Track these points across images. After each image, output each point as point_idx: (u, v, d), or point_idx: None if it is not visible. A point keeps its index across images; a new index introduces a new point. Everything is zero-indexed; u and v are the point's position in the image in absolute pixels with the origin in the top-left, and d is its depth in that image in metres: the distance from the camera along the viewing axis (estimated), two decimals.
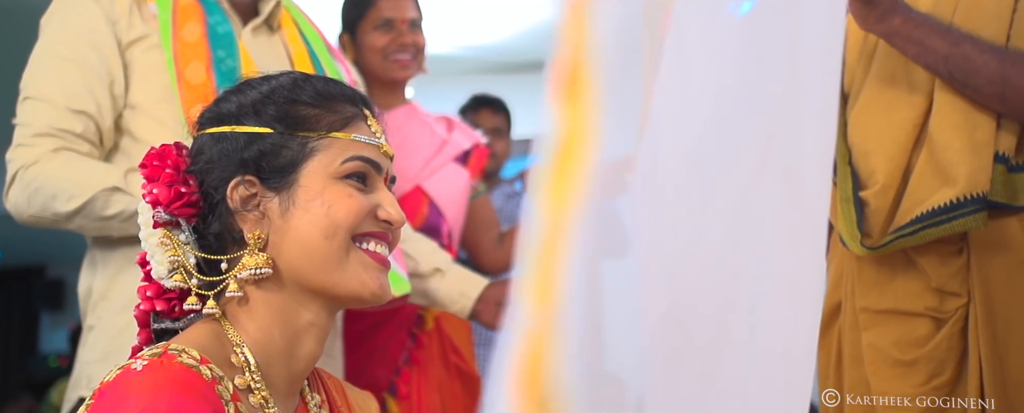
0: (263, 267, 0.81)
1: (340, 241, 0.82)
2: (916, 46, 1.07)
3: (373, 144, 0.86)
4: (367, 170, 0.84)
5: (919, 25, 1.06)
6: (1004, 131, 1.09)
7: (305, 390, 0.89)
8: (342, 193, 0.82)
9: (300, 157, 0.83)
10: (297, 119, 0.84)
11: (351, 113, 0.87)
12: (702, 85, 0.69)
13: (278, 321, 0.82)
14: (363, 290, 0.83)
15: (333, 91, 0.87)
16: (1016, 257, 1.07)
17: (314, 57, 1.35)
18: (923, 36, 1.06)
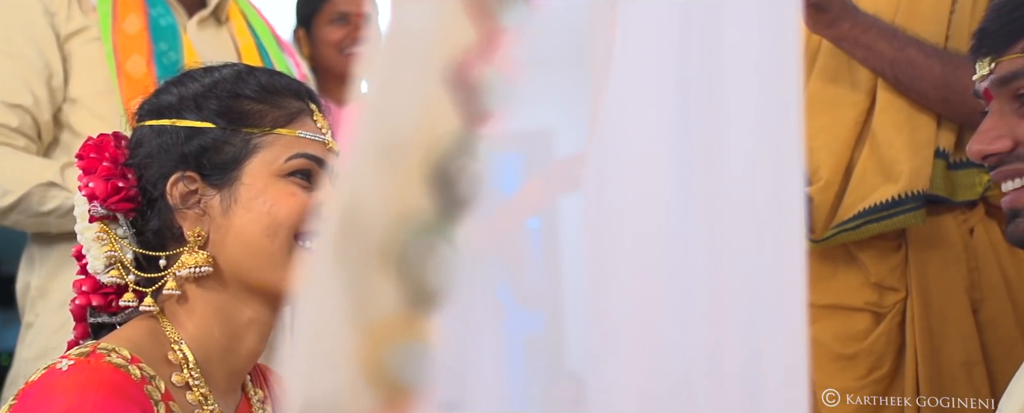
0: (203, 265, 0.80)
1: (282, 240, 0.81)
2: (864, 50, 1.09)
3: (319, 141, 0.85)
4: (312, 167, 0.83)
5: (866, 30, 1.08)
6: (944, 129, 1.12)
7: (248, 386, 0.88)
8: (285, 191, 0.81)
9: (243, 154, 0.81)
10: (240, 114, 0.83)
11: (297, 108, 0.85)
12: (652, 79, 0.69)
13: (218, 318, 0.81)
14: None
15: (278, 85, 0.86)
16: (952, 253, 1.10)
17: (262, 50, 1.34)
18: (870, 41, 1.08)
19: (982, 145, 0.77)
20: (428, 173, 0.33)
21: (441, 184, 0.33)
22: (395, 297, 0.33)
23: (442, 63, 0.34)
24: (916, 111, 1.11)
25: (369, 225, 0.33)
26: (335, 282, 0.35)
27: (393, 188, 0.33)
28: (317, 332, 0.35)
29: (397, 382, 0.33)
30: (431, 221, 0.33)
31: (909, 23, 1.12)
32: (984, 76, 0.79)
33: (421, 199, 0.33)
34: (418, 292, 0.33)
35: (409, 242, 0.33)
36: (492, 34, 0.34)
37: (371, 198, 0.34)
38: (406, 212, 0.33)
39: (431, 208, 0.33)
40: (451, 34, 0.34)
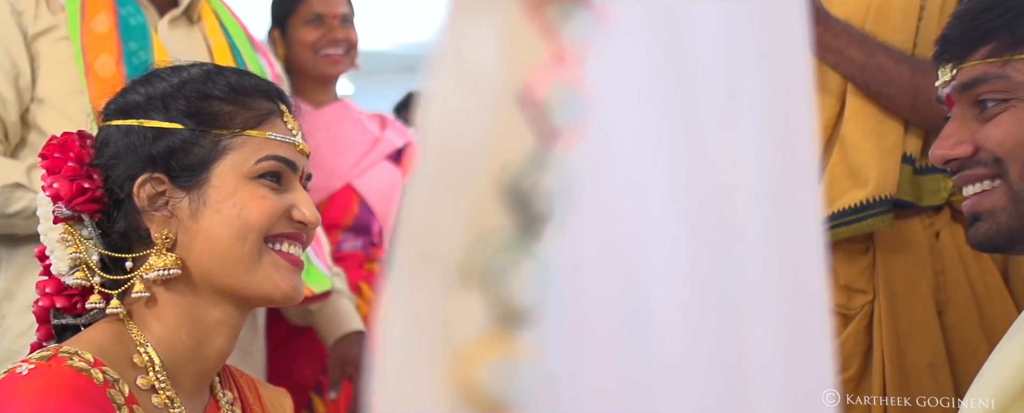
0: (171, 268, 0.79)
1: (252, 243, 0.80)
2: (835, 55, 1.10)
3: (289, 142, 0.85)
4: (282, 169, 0.83)
5: (838, 35, 1.10)
6: (911, 134, 1.13)
7: (216, 388, 0.88)
8: (255, 194, 0.81)
9: (212, 155, 0.81)
10: (210, 115, 0.82)
11: (267, 109, 0.85)
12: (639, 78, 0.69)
13: (186, 321, 0.81)
14: (275, 292, 0.82)
15: (247, 85, 0.86)
16: (918, 256, 1.11)
17: (235, 50, 1.33)
18: (841, 46, 1.09)
19: (944, 150, 0.79)
20: (504, 191, 0.33)
21: (518, 201, 0.33)
22: (482, 316, 0.33)
23: (512, 82, 0.34)
24: (884, 116, 1.12)
25: (448, 247, 0.34)
26: (419, 306, 0.35)
27: (469, 208, 0.34)
28: (406, 357, 0.35)
29: (495, 402, 0.33)
30: (511, 238, 0.33)
31: (878, 29, 1.13)
32: (946, 82, 0.80)
33: (499, 217, 0.33)
34: (505, 309, 0.33)
35: (491, 260, 0.33)
36: (559, 50, 0.35)
37: (447, 220, 0.35)
38: (485, 231, 0.33)
39: (510, 225, 0.33)
40: (519, 52, 0.35)
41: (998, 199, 0.76)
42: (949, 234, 1.12)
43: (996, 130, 0.75)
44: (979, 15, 0.77)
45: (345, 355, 1.50)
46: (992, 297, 1.10)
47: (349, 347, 1.51)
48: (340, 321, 1.52)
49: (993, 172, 0.76)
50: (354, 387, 1.54)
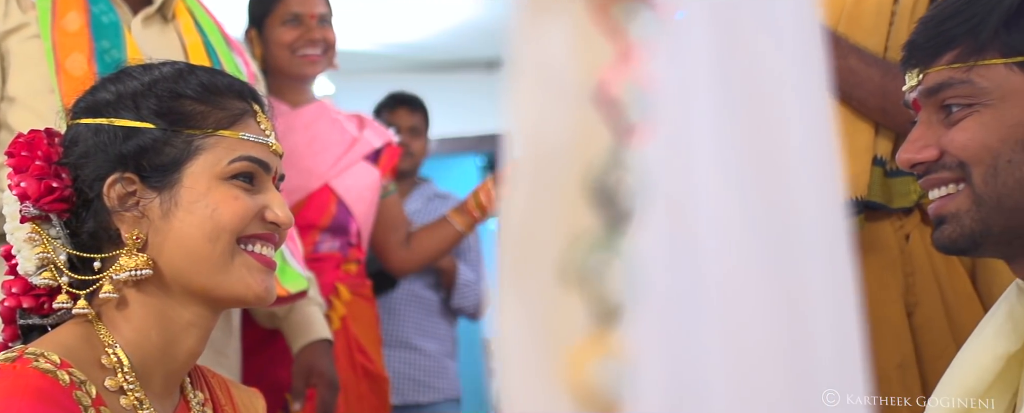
0: (142, 268, 0.79)
1: (224, 244, 0.80)
2: None
3: (262, 143, 0.84)
4: (255, 170, 0.82)
5: None
6: (881, 137, 1.14)
7: (187, 388, 0.87)
8: (228, 195, 0.80)
9: (184, 156, 0.80)
10: (182, 115, 0.82)
11: (240, 109, 0.85)
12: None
13: (156, 322, 0.80)
14: (247, 293, 0.81)
15: (220, 85, 0.85)
16: (888, 258, 1.12)
17: (210, 49, 1.32)
18: None
19: (910, 154, 0.79)
20: (590, 190, 0.34)
21: (604, 199, 0.34)
22: (583, 316, 0.34)
23: (586, 81, 0.35)
24: (855, 119, 1.13)
25: (546, 249, 0.35)
26: (526, 310, 0.36)
27: (561, 209, 0.35)
28: (522, 362, 0.36)
29: (608, 402, 0.33)
30: (601, 237, 0.34)
31: (851, 32, 1.14)
32: (913, 87, 0.81)
33: (588, 216, 0.34)
34: (603, 308, 0.34)
35: (585, 260, 0.34)
36: (626, 48, 0.35)
37: (542, 222, 0.35)
38: (577, 231, 0.34)
39: (599, 224, 0.34)
40: (589, 52, 0.35)
41: (962, 202, 0.77)
42: (919, 236, 1.13)
43: (960, 135, 0.76)
44: (944, 21, 0.78)
45: (310, 364, 1.48)
46: (960, 299, 1.11)
47: (314, 356, 1.49)
48: (307, 328, 1.50)
49: (957, 176, 0.77)
50: (319, 397, 1.51)
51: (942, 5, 0.81)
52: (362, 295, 1.74)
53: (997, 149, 0.75)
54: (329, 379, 1.48)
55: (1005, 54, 0.75)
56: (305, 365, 1.49)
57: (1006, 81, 0.75)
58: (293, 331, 1.51)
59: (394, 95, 2.57)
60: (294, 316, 1.51)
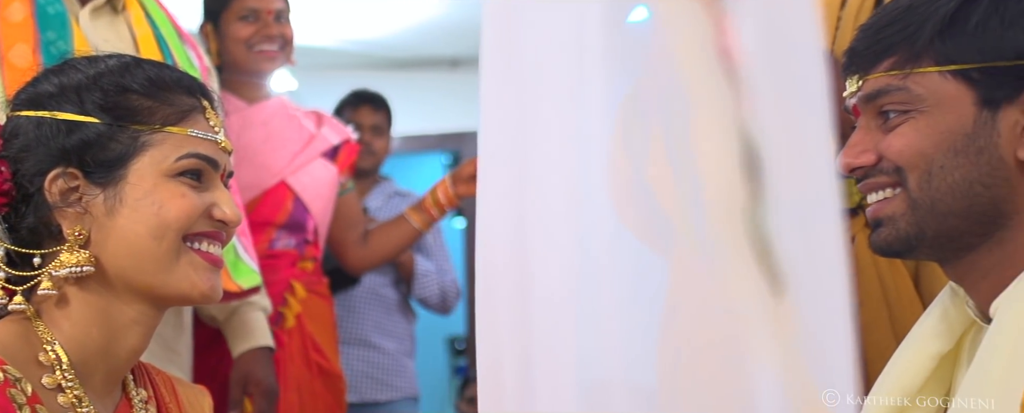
0: (84, 265, 0.77)
1: (170, 242, 0.79)
2: None
3: (211, 140, 0.83)
4: (203, 167, 0.81)
5: None
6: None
7: (130, 386, 0.86)
8: (175, 192, 0.79)
9: (130, 151, 0.79)
10: (128, 110, 0.80)
11: (188, 105, 0.83)
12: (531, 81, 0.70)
13: (97, 319, 0.79)
14: (193, 291, 0.80)
15: (168, 79, 0.84)
16: None
17: (161, 41, 1.30)
18: None
19: (849, 158, 0.81)
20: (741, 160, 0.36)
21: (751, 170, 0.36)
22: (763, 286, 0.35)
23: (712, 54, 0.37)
24: None
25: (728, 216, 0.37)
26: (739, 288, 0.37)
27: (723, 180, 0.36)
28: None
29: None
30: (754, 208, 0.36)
31: None
32: (853, 93, 0.83)
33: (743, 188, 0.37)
34: (773, 278, 0.36)
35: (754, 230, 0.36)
36: (719, 20, 0.37)
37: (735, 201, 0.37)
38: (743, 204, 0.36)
39: (750, 195, 0.36)
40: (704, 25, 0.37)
41: (898, 206, 0.79)
42: (863, 238, 1.15)
43: (897, 140, 0.78)
44: (882, 29, 0.80)
45: (247, 372, 1.47)
46: (903, 300, 1.14)
47: (252, 364, 1.47)
48: (247, 334, 1.48)
49: (894, 180, 0.79)
50: (255, 407, 1.49)
51: (881, 13, 0.83)
52: (318, 293, 1.73)
53: (931, 155, 0.77)
54: (266, 388, 1.47)
55: (939, 62, 0.77)
56: (242, 373, 1.47)
57: (940, 88, 0.77)
58: (233, 336, 1.49)
59: (357, 93, 2.56)
60: (235, 321, 1.49)
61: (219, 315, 1.50)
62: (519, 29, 0.67)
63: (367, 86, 2.61)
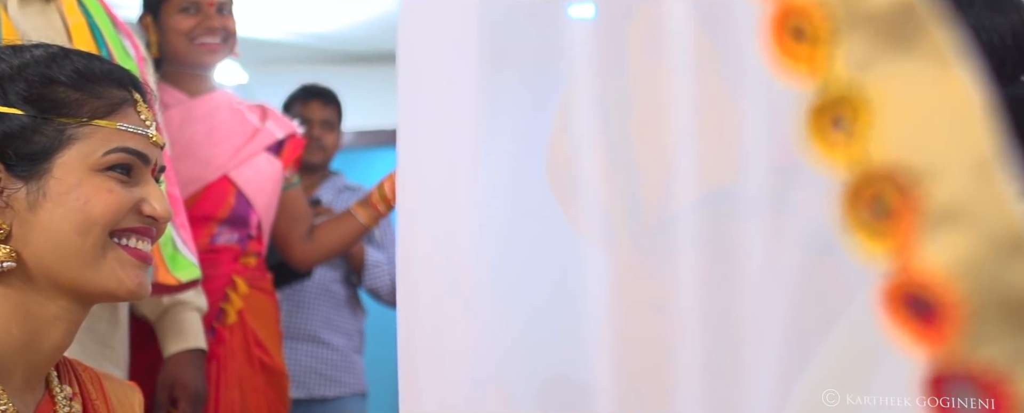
0: (5, 261, 0.76)
1: (95, 238, 0.77)
2: None
3: (141, 134, 0.82)
4: (132, 162, 0.80)
5: None
6: None
7: (53, 382, 0.85)
8: (101, 187, 0.78)
9: (55, 145, 0.77)
10: (54, 102, 0.79)
11: (118, 98, 0.82)
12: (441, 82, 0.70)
13: (17, 315, 0.78)
14: (119, 288, 0.79)
15: (98, 71, 0.82)
16: None
17: (95, 31, 1.28)
18: None
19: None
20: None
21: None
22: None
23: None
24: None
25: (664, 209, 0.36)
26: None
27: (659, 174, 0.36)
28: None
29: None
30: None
31: None
32: None
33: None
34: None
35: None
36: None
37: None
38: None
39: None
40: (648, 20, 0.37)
41: None
42: None
43: None
44: None
45: (175, 375, 1.45)
46: None
47: (180, 367, 1.45)
48: (179, 335, 1.46)
49: None
50: (181, 411, 1.47)
51: None
52: (261, 288, 1.72)
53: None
54: (193, 392, 1.45)
55: None
56: (170, 376, 1.45)
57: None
58: (164, 336, 1.46)
59: (307, 87, 2.53)
60: (167, 320, 1.47)
61: (151, 314, 1.47)
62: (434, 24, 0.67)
63: (319, 80, 2.59)
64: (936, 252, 0.28)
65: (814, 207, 0.40)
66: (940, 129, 0.30)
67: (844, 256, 0.29)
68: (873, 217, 0.29)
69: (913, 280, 0.28)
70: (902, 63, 0.30)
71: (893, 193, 0.29)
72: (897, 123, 0.30)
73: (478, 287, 0.71)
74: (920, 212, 0.29)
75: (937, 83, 0.30)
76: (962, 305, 0.27)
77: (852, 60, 0.31)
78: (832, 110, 0.30)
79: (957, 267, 0.28)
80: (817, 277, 0.76)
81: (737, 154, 1.12)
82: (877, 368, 0.85)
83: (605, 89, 0.71)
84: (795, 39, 0.31)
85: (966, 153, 0.29)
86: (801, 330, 1.19)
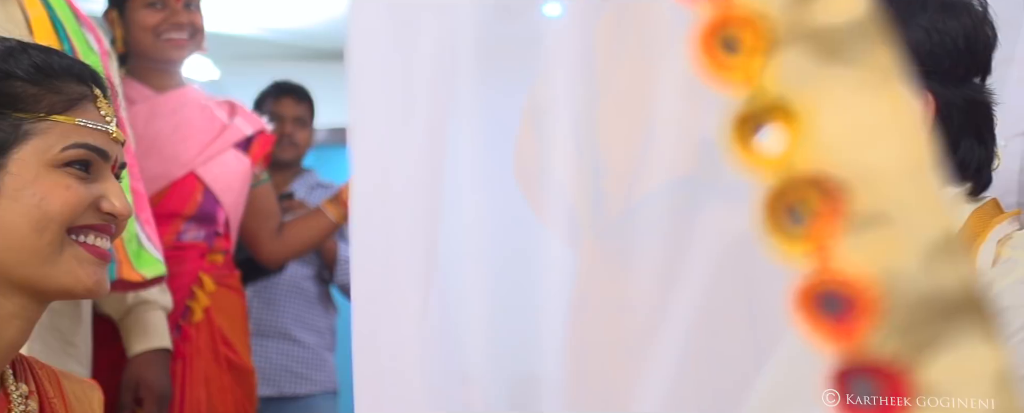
0: None
1: (52, 235, 0.76)
2: None
3: (101, 130, 0.81)
4: (91, 158, 0.79)
5: None
6: None
7: (8, 380, 0.83)
8: (59, 184, 0.77)
9: (11, 140, 0.76)
10: (10, 96, 0.78)
11: (78, 93, 0.81)
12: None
13: None
14: (76, 286, 0.78)
15: (56, 66, 0.81)
16: None
17: (57, 24, 1.26)
18: None
19: None
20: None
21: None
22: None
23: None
24: None
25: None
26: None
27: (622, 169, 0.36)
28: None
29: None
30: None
31: None
32: None
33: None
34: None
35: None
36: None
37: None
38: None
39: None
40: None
41: None
42: None
43: None
44: None
45: (140, 375, 1.44)
46: None
47: (144, 367, 1.44)
48: (143, 334, 1.45)
49: None
50: (146, 412, 1.46)
51: None
52: (228, 286, 1.71)
53: None
54: (158, 393, 1.44)
55: None
56: (134, 376, 1.43)
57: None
58: (129, 335, 1.45)
59: (279, 84, 2.52)
60: (131, 319, 1.45)
61: (115, 313, 1.46)
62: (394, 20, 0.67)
63: (291, 77, 2.57)
64: (861, 253, 0.29)
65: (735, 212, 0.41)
66: (877, 140, 0.30)
67: (762, 257, 0.30)
68: (792, 221, 0.30)
69: (831, 279, 0.29)
70: (844, 77, 0.31)
71: (817, 198, 0.30)
72: (832, 133, 0.31)
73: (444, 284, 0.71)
74: (845, 216, 0.29)
75: (877, 98, 0.31)
76: (879, 302, 0.28)
77: (789, 72, 0.31)
78: (759, 119, 0.31)
79: (881, 267, 0.29)
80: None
81: (696, 142, 1.13)
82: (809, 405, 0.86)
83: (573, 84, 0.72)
84: (726, 51, 0.31)
85: (901, 162, 0.30)
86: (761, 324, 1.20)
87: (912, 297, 0.28)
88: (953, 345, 0.28)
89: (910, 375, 0.27)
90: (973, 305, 0.28)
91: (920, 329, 0.28)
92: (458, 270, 0.71)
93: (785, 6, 0.31)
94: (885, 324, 0.28)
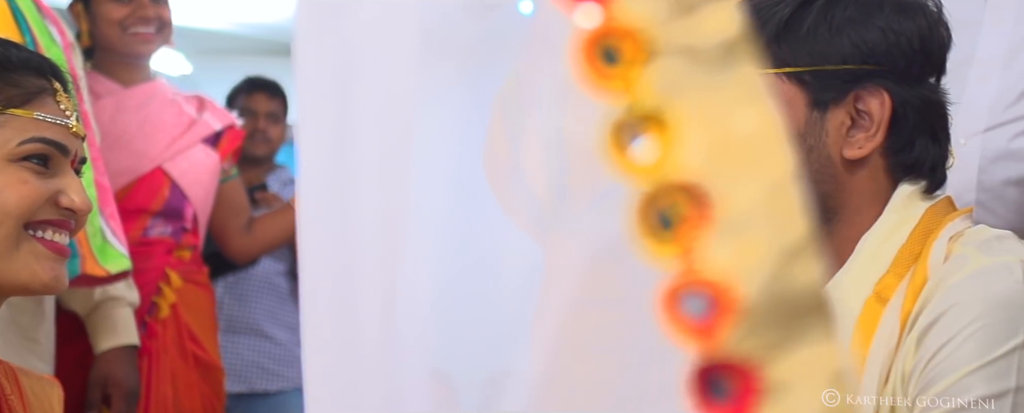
0: None
1: (9, 230, 0.76)
2: None
3: (60, 124, 0.80)
4: (50, 152, 0.78)
5: None
6: None
7: None
8: (16, 178, 0.76)
9: None
10: None
11: (37, 87, 0.80)
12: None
13: None
14: (33, 281, 0.78)
15: (14, 59, 0.81)
16: None
17: (18, 15, 1.24)
18: None
19: None
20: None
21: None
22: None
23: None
24: None
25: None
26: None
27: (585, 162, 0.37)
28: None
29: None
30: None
31: None
32: None
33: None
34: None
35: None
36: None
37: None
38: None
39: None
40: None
41: None
42: None
43: None
44: None
45: (107, 373, 1.43)
46: None
47: (114, 363, 1.43)
48: (110, 331, 1.44)
49: None
50: (114, 409, 1.44)
51: None
52: (196, 282, 1.69)
53: None
54: (127, 389, 1.43)
55: (776, 65, 0.82)
56: (102, 373, 1.42)
57: (777, 90, 0.81)
58: (95, 332, 1.44)
59: (252, 79, 2.50)
60: (97, 316, 1.44)
61: (81, 309, 1.44)
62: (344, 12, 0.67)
63: (265, 72, 2.55)
64: (724, 255, 0.31)
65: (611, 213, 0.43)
66: (742, 152, 0.32)
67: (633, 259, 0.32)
68: (661, 224, 0.32)
69: (696, 280, 0.30)
70: (714, 92, 0.33)
71: (686, 203, 0.31)
72: (701, 143, 0.32)
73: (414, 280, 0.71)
74: (712, 221, 0.31)
75: (745, 112, 0.32)
76: (740, 302, 0.30)
77: (664, 83, 0.33)
78: (635, 127, 0.32)
79: (743, 268, 0.30)
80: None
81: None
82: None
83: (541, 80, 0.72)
84: (606, 62, 0.33)
85: (764, 173, 0.32)
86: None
87: (766, 299, 0.30)
88: (800, 344, 0.29)
89: (761, 372, 0.29)
90: (820, 307, 0.30)
91: (772, 329, 0.29)
92: (423, 266, 0.71)
93: (663, 21, 0.33)
94: (742, 324, 0.29)
